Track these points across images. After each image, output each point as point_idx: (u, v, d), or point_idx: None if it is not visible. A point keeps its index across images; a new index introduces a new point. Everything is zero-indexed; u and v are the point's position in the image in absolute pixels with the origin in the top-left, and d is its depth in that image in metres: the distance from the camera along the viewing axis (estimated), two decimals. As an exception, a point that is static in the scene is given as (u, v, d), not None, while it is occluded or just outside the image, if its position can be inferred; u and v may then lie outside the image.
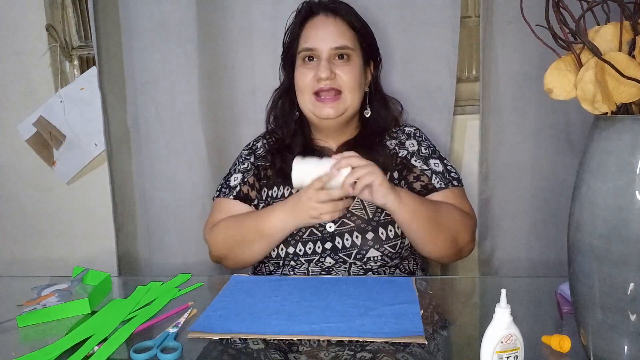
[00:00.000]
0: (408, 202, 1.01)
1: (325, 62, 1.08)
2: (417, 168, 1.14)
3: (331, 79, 1.07)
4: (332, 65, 1.08)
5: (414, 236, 1.06)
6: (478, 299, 1.01)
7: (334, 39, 1.08)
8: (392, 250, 1.08)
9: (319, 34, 1.09)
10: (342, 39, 1.09)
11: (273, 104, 1.21)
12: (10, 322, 0.88)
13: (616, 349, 0.62)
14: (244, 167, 1.21)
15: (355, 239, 1.08)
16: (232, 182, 1.20)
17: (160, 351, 0.74)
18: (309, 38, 1.10)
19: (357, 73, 1.10)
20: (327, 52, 1.08)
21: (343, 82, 1.08)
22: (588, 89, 0.61)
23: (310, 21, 1.12)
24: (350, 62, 1.10)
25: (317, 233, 1.09)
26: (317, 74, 1.07)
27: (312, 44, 1.09)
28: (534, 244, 1.40)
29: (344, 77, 1.08)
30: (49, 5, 1.52)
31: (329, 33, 1.09)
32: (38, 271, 1.61)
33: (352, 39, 1.11)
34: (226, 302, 0.92)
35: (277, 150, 1.18)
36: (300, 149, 1.15)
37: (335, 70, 1.08)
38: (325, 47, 1.08)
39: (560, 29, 0.64)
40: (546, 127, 1.34)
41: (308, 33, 1.11)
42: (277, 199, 1.15)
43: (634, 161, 0.59)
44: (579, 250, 0.64)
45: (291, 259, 1.09)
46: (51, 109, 1.54)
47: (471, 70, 1.48)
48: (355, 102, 1.11)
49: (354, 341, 0.76)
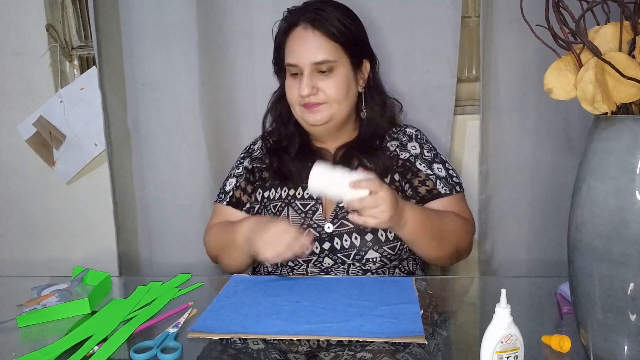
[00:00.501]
0: (412, 223, 1.00)
1: (307, 78, 1.06)
2: (422, 172, 1.14)
3: (314, 94, 1.06)
4: (314, 80, 1.07)
5: (416, 248, 1.07)
6: (478, 299, 1.01)
7: (313, 55, 1.06)
8: (391, 252, 1.08)
9: (299, 49, 1.07)
10: (322, 53, 1.06)
11: (271, 107, 1.21)
12: (10, 322, 0.88)
13: (616, 349, 0.62)
14: (238, 172, 1.22)
15: (354, 240, 1.08)
16: (227, 187, 1.22)
17: (160, 351, 0.74)
18: (290, 52, 1.09)
19: (342, 83, 1.08)
20: (308, 68, 1.06)
21: (327, 95, 1.07)
22: (588, 89, 0.61)
23: (292, 33, 1.09)
24: (334, 75, 1.07)
25: (315, 233, 1.09)
26: (299, 91, 1.07)
27: (294, 59, 1.08)
28: (534, 244, 1.40)
29: (327, 90, 1.07)
30: (49, 5, 1.52)
31: (308, 48, 1.06)
32: (38, 271, 1.60)
33: (333, 51, 1.07)
34: (226, 302, 0.92)
35: (275, 152, 1.18)
36: (298, 150, 1.15)
37: (318, 84, 1.07)
38: (305, 63, 1.06)
39: (560, 29, 0.64)
40: (546, 127, 1.34)
41: (290, 46, 1.09)
42: (274, 200, 1.15)
43: (634, 161, 0.59)
44: (579, 250, 0.64)
45: (289, 259, 1.09)
46: (51, 109, 1.54)
47: (471, 70, 1.48)
48: (343, 110, 1.10)
49: (353, 341, 0.76)
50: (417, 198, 1.12)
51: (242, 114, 1.45)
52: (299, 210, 1.12)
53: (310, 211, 1.12)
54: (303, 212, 1.12)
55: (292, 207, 1.13)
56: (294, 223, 1.11)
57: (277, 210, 1.14)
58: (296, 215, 1.12)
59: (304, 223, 1.11)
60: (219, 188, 1.25)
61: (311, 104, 1.07)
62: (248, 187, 1.20)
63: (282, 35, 1.11)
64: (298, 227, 1.02)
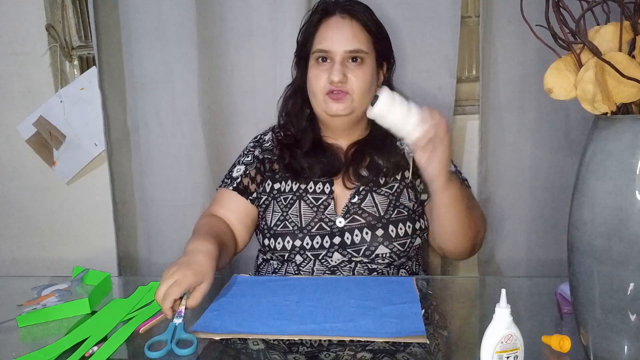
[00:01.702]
0: (453, 186, 0.99)
1: (339, 65, 1.07)
2: None
3: (343, 82, 1.07)
4: (344, 68, 1.07)
5: (447, 224, 1.04)
6: (478, 299, 1.01)
7: (348, 42, 1.07)
8: (400, 249, 1.08)
9: (334, 36, 1.08)
10: (357, 42, 1.08)
11: (285, 100, 1.21)
12: (10, 322, 0.88)
13: (616, 349, 0.62)
14: (248, 160, 1.21)
15: (365, 235, 1.08)
16: (235, 173, 1.20)
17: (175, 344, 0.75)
18: (323, 39, 1.09)
19: (369, 76, 1.10)
20: (341, 55, 1.07)
21: (354, 85, 1.07)
22: (588, 89, 0.61)
23: (326, 22, 1.11)
24: (363, 66, 1.09)
25: (327, 228, 1.09)
26: (330, 77, 1.07)
27: (327, 45, 1.08)
28: (534, 244, 1.40)
29: (355, 81, 1.07)
30: (49, 5, 1.52)
31: (344, 35, 1.08)
32: (38, 271, 1.61)
33: (366, 42, 1.09)
34: (226, 302, 0.92)
35: (287, 146, 1.17)
36: (311, 146, 1.15)
37: (348, 73, 1.07)
38: (339, 50, 1.07)
39: (560, 29, 0.64)
40: (546, 127, 1.34)
41: (323, 34, 1.10)
42: (284, 192, 1.15)
43: (634, 161, 0.59)
44: (579, 250, 0.64)
45: (297, 253, 1.09)
46: (51, 109, 1.54)
47: (471, 70, 1.48)
48: (364, 104, 1.11)
49: (355, 341, 0.76)
50: (428, 193, 1.12)
51: (241, 114, 1.45)
52: (310, 204, 1.12)
53: (322, 206, 1.11)
54: (315, 206, 1.11)
55: (303, 200, 1.12)
56: (306, 217, 1.10)
57: (287, 202, 1.13)
58: (308, 209, 1.11)
59: (316, 217, 1.10)
60: (224, 175, 1.22)
61: (337, 91, 1.07)
62: (258, 176, 1.19)
63: (314, 25, 1.12)
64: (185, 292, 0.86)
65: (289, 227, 1.10)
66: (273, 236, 1.11)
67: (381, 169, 1.13)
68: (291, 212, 1.11)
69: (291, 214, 1.11)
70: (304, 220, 1.10)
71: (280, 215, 1.12)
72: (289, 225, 1.10)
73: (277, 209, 1.13)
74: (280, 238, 1.10)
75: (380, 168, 1.13)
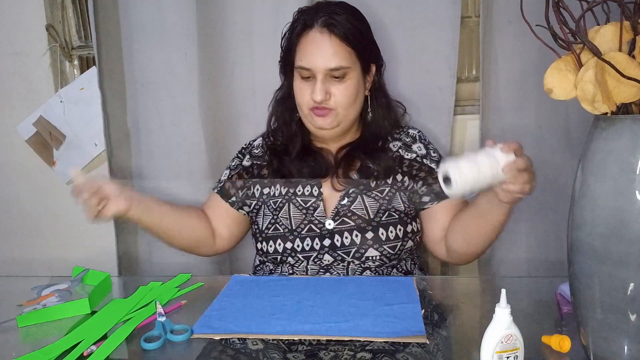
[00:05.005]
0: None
1: (320, 83, 1.05)
2: (435, 170, 1.13)
3: (326, 100, 1.06)
4: (327, 85, 1.06)
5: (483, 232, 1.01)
6: (478, 299, 1.01)
7: (328, 59, 1.05)
8: (391, 252, 1.08)
9: (314, 53, 1.06)
10: (337, 59, 1.05)
11: (274, 106, 1.21)
12: (10, 322, 0.88)
13: (616, 349, 0.63)
14: (233, 165, 1.24)
15: (355, 238, 1.08)
16: (222, 177, 1.24)
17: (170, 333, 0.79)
18: (304, 55, 1.07)
19: (353, 89, 1.08)
20: (323, 73, 1.05)
21: (338, 101, 1.07)
22: (588, 89, 0.61)
23: (306, 35, 1.08)
24: (347, 80, 1.07)
25: (316, 230, 1.10)
26: (312, 96, 1.06)
27: (307, 63, 1.06)
28: (534, 244, 1.40)
29: (339, 96, 1.07)
30: (49, 5, 1.52)
31: (324, 53, 1.05)
32: (38, 271, 1.60)
33: (348, 56, 1.06)
34: (226, 302, 0.92)
35: (275, 151, 1.18)
36: (299, 150, 1.15)
37: (331, 89, 1.06)
38: (320, 67, 1.05)
39: (560, 29, 0.64)
40: (546, 127, 1.34)
41: (303, 49, 1.08)
42: (273, 197, 1.15)
43: (634, 161, 0.59)
44: (579, 250, 0.64)
45: (289, 255, 1.09)
46: (51, 109, 1.54)
47: (471, 70, 1.47)
48: (350, 116, 1.11)
49: (354, 341, 0.76)
50: (431, 195, 1.12)
51: (241, 114, 1.44)
52: (300, 206, 1.12)
53: (312, 207, 1.12)
54: (304, 209, 1.12)
55: (292, 203, 1.13)
56: (295, 219, 1.11)
57: (277, 206, 1.14)
58: (297, 212, 1.12)
59: (305, 219, 1.11)
60: None
61: (321, 108, 1.07)
62: (239, 182, 1.20)
63: (295, 37, 1.10)
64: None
65: (280, 230, 1.11)
66: (265, 239, 1.12)
67: (372, 173, 1.12)
68: (281, 215, 1.12)
69: (281, 217, 1.12)
70: (294, 222, 1.11)
71: (270, 219, 1.13)
72: (280, 228, 1.11)
73: (267, 213, 1.14)
74: (271, 241, 1.11)
75: (370, 171, 1.12)
